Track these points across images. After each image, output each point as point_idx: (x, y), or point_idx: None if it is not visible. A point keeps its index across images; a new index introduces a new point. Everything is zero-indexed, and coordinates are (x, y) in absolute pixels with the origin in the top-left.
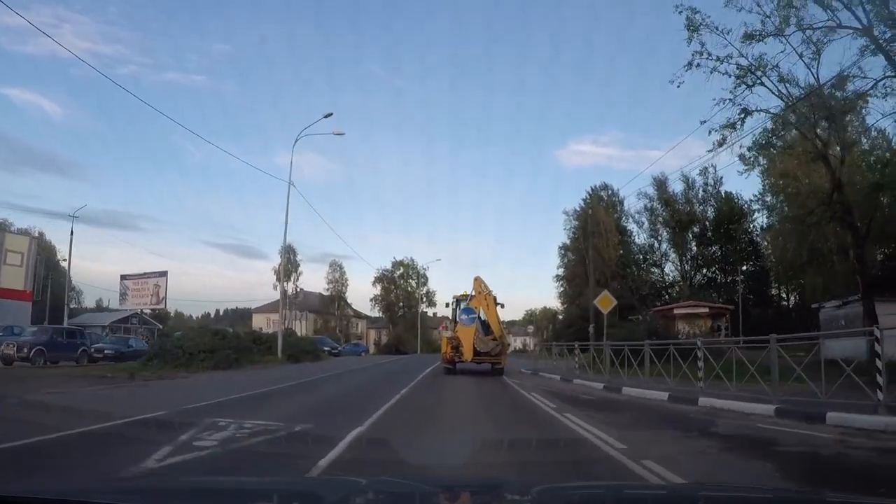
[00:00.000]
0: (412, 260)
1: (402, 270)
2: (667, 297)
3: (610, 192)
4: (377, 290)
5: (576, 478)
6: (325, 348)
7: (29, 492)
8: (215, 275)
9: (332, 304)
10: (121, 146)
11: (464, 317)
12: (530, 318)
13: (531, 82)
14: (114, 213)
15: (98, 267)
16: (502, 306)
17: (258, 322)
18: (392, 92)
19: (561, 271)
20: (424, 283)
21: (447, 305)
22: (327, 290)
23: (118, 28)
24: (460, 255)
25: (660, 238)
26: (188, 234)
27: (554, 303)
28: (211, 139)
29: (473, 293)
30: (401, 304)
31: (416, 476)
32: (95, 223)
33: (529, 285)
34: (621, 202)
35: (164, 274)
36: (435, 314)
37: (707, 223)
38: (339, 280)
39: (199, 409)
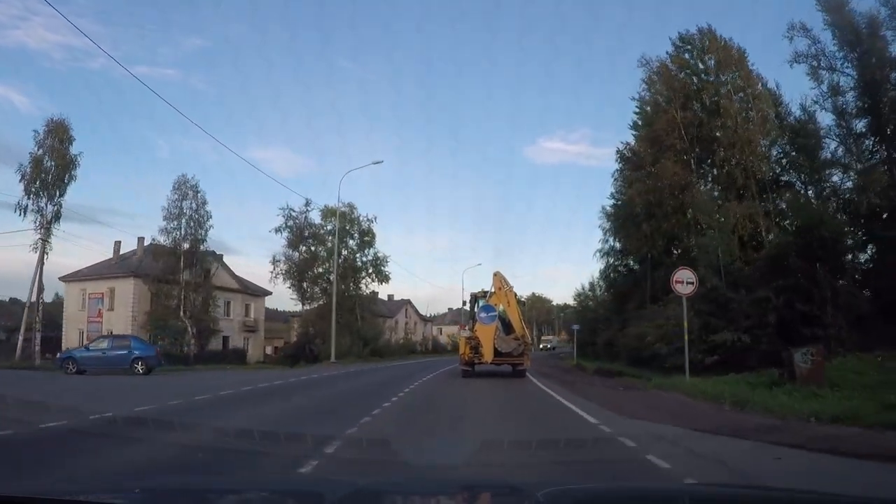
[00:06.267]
0: (351, 207)
1: (334, 223)
2: None
3: (720, 41)
4: (286, 250)
5: None
6: None
7: (29, 492)
8: None
9: (177, 263)
10: None
11: (483, 315)
12: None
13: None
14: None
15: None
16: (524, 304)
17: (73, 297)
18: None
19: (614, 201)
20: (370, 245)
21: (464, 303)
22: (167, 232)
23: (87, 21)
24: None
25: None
26: None
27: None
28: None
29: (493, 289)
30: (330, 276)
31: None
32: None
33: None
34: (740, 50)
35: None
36: (391, 297)
37: None
38: (193, 216)
39: None
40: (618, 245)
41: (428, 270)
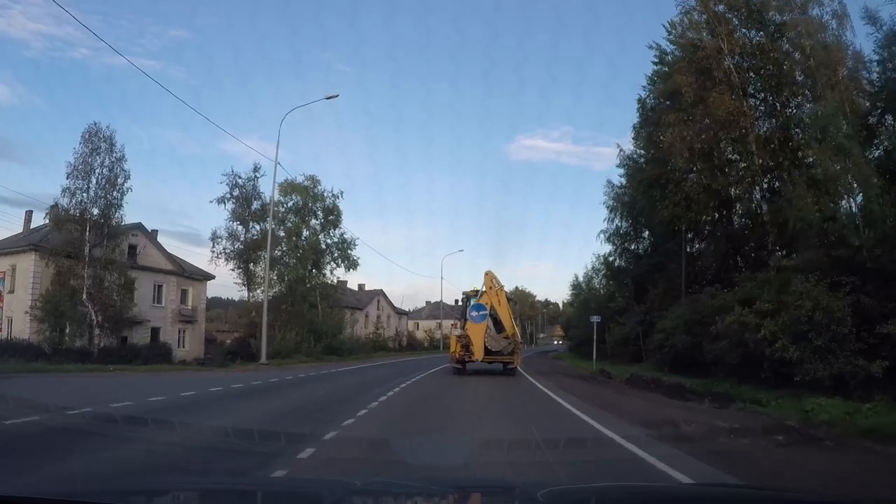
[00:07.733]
0: (314, 181)
1: (296, 199)
2: None
3: None
4: (230, 224)
5: None
6: None
7: (29, 492)
8: None
9: (83, 233)
10: None
11: (474, 314)
12: None
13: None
14: None
15: None
16: (515, 303)
17: None
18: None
19: (625, 168)
20: (335, 225)
21: (456, 302)
22: (70, 192)
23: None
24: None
25: None
26: None
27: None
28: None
29: (484, 289)
30: (288, 259)
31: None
32: None
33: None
34: None
35: None
36: (362, 286)
37: None
38: (105, 175)
39: None
40: (625, 226)
41: (406, 264)
